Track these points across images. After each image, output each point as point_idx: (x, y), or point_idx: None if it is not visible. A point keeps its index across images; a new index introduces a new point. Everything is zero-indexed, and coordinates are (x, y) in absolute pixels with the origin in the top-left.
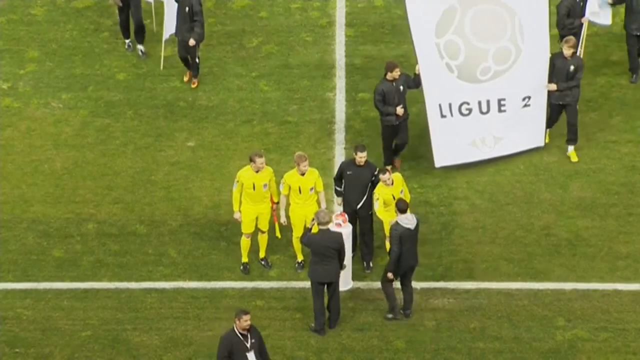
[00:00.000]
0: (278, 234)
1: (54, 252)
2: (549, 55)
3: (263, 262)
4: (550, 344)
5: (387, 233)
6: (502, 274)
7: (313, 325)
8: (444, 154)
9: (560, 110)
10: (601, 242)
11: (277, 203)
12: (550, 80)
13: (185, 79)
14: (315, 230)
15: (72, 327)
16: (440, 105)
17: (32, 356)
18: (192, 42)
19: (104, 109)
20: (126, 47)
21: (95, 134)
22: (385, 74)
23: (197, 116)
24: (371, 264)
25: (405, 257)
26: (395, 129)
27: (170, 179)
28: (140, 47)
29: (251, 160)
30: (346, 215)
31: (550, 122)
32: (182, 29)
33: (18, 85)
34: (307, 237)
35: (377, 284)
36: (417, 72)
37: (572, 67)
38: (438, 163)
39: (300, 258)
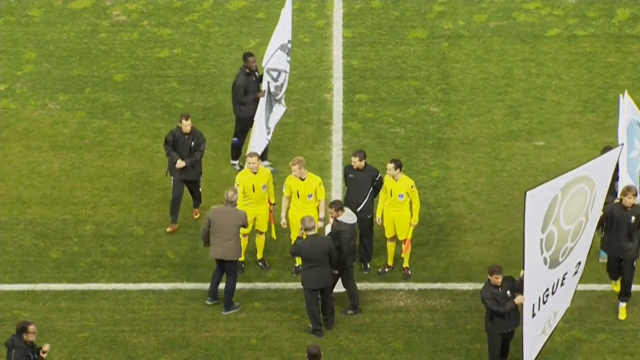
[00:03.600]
0: (274, 235)
1: (52, 254)
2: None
3: (260, 263)
4: (548, 344)
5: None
6: None
7: (310, 326)
8: (530, 352)
9: (620, 263)
10: (599, 243)
11: (274, 204)
12: (607, 232)
13: (169, 229)
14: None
15: (70, 329)
16: (534, 305)
17: None
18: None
19: (101, 111)
20: (237, 168)
21: (93, 135)
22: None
23: (195, 117)
24: (369, 265)
25: None
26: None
27: (167, 181)
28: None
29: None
30: None
31: (613, 274)
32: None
33: (15, 87)
34: (296, 246)
35: (375, 285)
36: (521, 277)
37: (633, 218)
38: None
39: (298, 262)
